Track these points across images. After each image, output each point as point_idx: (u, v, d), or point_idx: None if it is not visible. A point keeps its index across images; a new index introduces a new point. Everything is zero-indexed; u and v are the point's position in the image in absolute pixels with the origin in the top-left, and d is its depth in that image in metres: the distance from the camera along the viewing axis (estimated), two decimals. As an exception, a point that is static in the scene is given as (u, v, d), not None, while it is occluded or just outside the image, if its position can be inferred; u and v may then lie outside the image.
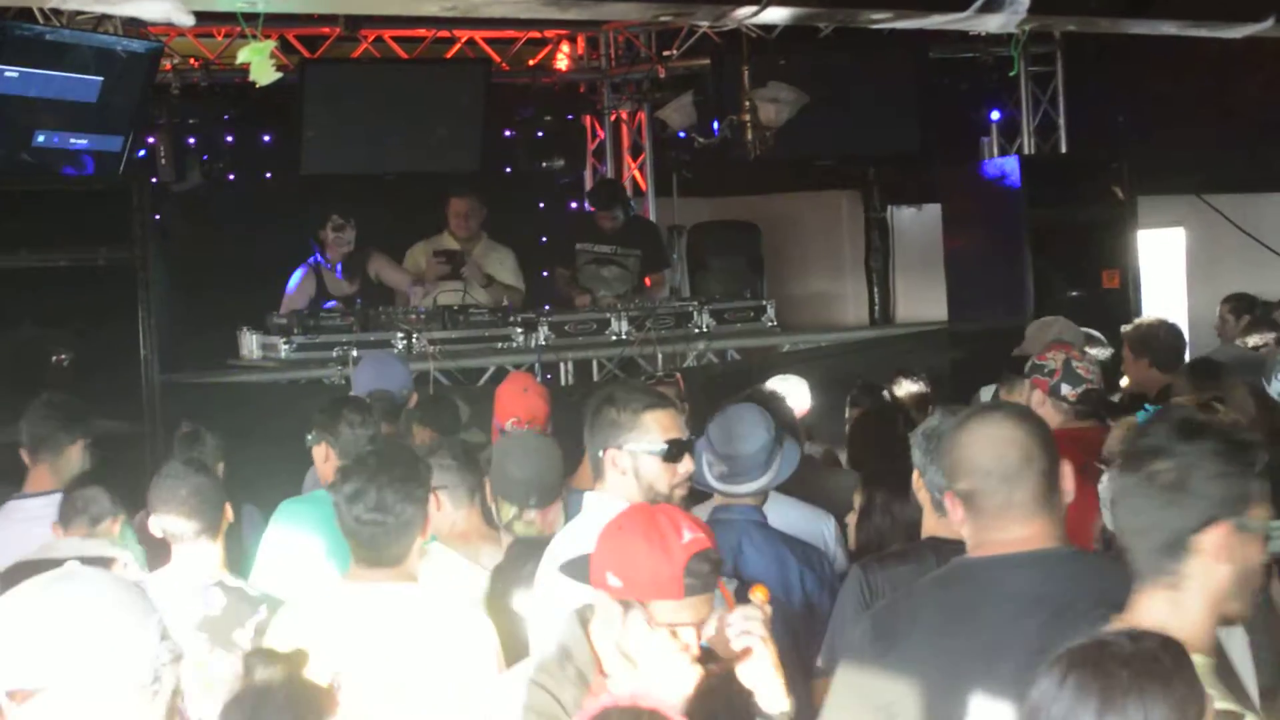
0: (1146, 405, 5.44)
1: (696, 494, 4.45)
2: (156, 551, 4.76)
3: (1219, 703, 2.49)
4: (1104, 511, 3.91)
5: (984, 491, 3.14)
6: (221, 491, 4.72)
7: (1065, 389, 5.48)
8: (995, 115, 11.42)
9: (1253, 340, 8.12)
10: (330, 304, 9.66)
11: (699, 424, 4.73)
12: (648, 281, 10.84)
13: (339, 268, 9.86)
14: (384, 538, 3.99)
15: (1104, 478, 3.91)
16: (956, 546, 4.02)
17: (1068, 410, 5.49)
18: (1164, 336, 7.33)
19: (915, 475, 4.13)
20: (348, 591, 4.05)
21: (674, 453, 3.87)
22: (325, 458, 5.57)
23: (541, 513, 4.83)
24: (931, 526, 4.11)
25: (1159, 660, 2.32)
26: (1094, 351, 7.26)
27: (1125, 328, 7.64)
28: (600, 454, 3.91)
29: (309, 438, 5.70)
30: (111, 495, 5.04)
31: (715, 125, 10.30)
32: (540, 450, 4.94)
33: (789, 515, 4.95)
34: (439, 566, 4.49)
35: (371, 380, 6.86)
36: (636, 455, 3.86)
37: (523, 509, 4.79)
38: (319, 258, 9.84)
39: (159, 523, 4.59)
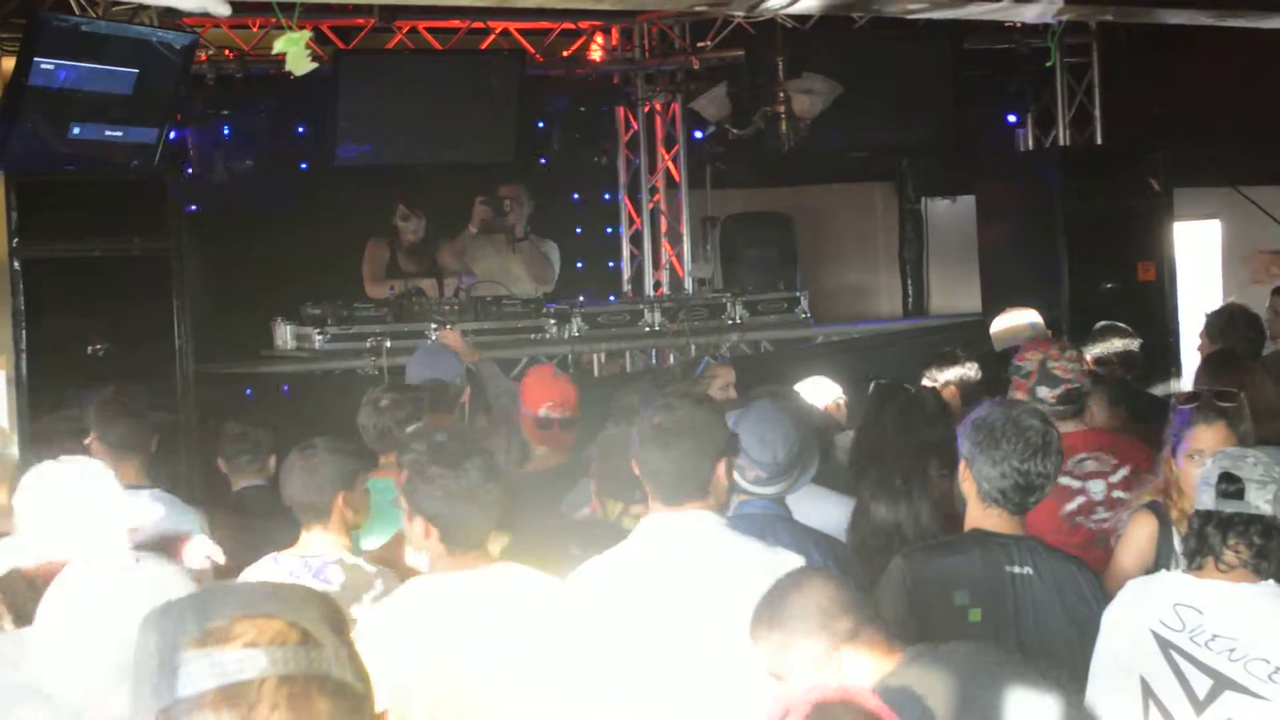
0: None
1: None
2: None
3: None
4: (1204, 490, 3.77)
5: None
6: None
7: (1043, 391, 5.33)
8: (1030, 107, 11.37)
9: None
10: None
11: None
12: None
13: (409, 252, 10.17)
14: (493, 506, 3.85)
15: (1208, 461, 3.79)
16: (1002, 539, 4.01)
17: (1048, 413, 5.38)
18: (1242, 328, 7.36)
19: (963, 465, 4.09)
20: (456, 579, 3.87)
21: None
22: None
23: None
24: (977, 518, 4.08)
25: None
26: (1119, 343, 7.22)
27: (1208, 311, 7.70)
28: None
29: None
30: None
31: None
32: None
33: (820, 504, 4.91)
34: None
35: (425, 370, 6.84)
36: None
37: (629, 503, 4.70)
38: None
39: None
